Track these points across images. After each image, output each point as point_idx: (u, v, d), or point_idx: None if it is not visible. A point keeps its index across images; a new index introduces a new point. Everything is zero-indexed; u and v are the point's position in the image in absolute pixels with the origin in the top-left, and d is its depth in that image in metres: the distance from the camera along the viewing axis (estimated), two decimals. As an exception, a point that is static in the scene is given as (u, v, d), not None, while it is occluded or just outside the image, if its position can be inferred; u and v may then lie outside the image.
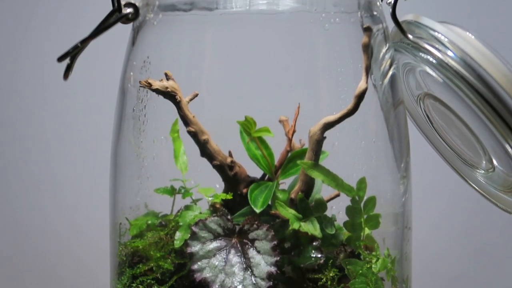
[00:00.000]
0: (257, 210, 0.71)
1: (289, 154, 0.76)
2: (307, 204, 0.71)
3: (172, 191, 0.76)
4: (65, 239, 1.29)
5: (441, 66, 0.69)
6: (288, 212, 0.71)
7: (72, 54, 0.69)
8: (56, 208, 1.29)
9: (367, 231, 0.73)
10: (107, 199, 0.77)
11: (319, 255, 0.69)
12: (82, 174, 1.27)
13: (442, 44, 0.70)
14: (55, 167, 1.29)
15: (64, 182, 1.29)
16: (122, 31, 0.76)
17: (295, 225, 0.70)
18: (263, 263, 0.68)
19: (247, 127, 0.75)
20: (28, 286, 1.30)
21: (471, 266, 1.34)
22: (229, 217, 0.70)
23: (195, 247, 0.70)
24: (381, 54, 0.74)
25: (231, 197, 0.73)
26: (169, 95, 0.71)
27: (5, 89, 1.29)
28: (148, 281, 0.71)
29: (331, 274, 0.70)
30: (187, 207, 0.74)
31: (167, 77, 0.71)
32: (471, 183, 0.80)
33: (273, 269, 0.68)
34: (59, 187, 1.29)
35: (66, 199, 1.29)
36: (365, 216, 0.73)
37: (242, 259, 0.69)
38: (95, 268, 1.18)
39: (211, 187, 0.75)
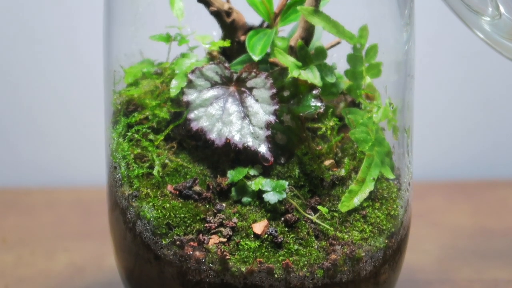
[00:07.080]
0: (256, 58, 0.69)
1: (289, 0, 0.74)
2: (307, 52, 0.70)
3: (167, 38, 0.74)
4: (59, 88, 1.29)
5: None
6: (287, 60, 0.70)
7: None
8: (49, 56, 1.28)
9: (368, 79, 0.72)
10: (101, 46, 0.75)
11: (319, 104, 0.68)
12: (75, 21, 1.26)
13: None
14: (48, 15, 1.27)
15: (57, 29, 1.28)
16: None
17: (294, 73, 0.68)
18: (262, 111, 0.68)
19: (245, -30, 0.73)
20: (23, 137, 1.31)
21: (474, 116, 1.34)
22: (226, 64, 0.69)
23: (192, 96, 0.69)
24: None
25: (229, 45, 0.73)
26: None
27: None
28: (144, 130, 0.70)
29: (330, 123, 0.70)
30: (183, 55, 0.73)
31: None
32: (475, 31, 0.78)
33: (271, 118, 0.67)
34: (52, 35, 1.28)
35: (59, 47, 1.28)
36: (366, 64, 0.72)
37: (240, 107, 0.68)
38: (89, 117, 1.18)
39: (208, 34, 0.74)
